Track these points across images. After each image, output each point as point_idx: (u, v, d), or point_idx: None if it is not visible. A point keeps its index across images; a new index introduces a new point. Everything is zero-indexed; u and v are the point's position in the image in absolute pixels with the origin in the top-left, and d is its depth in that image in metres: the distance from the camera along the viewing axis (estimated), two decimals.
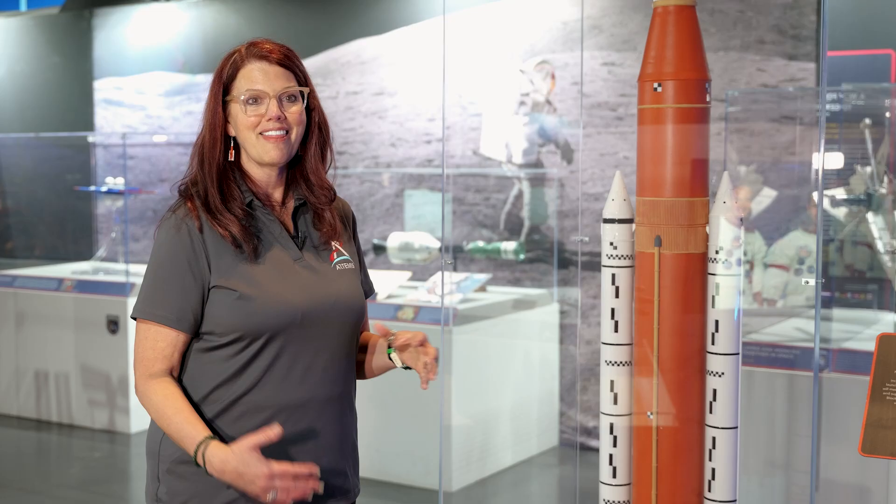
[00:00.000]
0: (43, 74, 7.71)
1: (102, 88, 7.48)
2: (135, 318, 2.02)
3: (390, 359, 2.13)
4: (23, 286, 6.45)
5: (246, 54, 2.02)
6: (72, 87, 7.60)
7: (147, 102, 7.30)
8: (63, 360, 6.23)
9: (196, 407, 1.98)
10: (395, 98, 6.29)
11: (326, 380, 2.03)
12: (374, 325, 2.12)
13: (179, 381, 2.01)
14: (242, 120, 2.00)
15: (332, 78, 6.46)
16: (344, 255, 2.12)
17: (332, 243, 2.10)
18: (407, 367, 2.14)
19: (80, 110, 7.56)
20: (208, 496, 1.98)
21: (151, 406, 1.97)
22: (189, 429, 1.92)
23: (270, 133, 2.00)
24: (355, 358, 2.15)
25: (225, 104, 2.04)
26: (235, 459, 1.85)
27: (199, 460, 1.89)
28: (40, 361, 6.33)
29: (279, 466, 1.84)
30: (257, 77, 2.00)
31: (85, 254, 7.33)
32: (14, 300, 6.44)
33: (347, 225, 2.19)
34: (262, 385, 1.98)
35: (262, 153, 2.01)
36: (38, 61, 7.72)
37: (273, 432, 1.86)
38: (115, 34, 7.40)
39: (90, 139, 7.36)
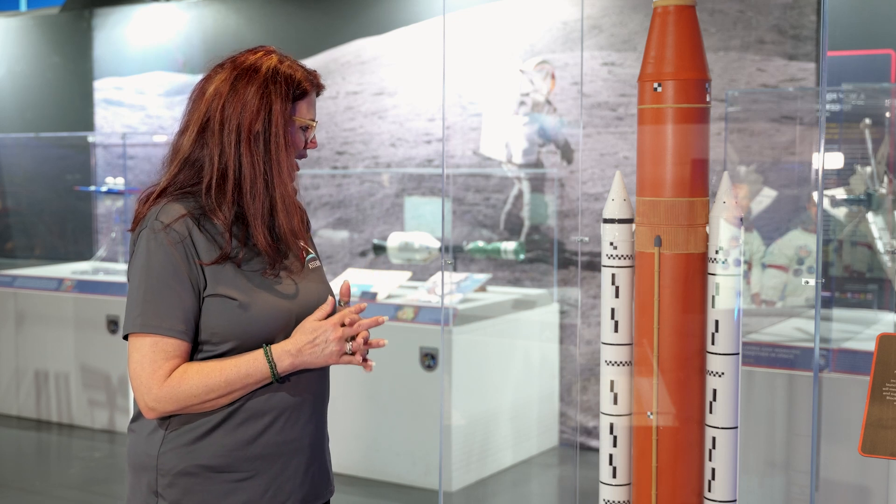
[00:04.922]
0: (43, 74, 7.71)
1: (102, 88, 7.48)
2: (126, 337, 1.94)
3: None
4: (23, 286, 6.45)
5: (308, 83, 2.06)
6: (72, 87, 7.60)
7: (147, 102, 7.30)
8: (63, 360, 6.23)
9: (196, 417, 1.95)
10: (395, 98, 6.29)
11: (314, 377, 2.04)
12: (341, 286, 2.13)
13: None
14: (298, 142, 2.06)
15: (332, 78, 6.46)
16: (311, 253, 2.14)
17: (299, 242, 2.10)
18: None
19: (80, 110, 7.56)
20: (216, 502, 1.96)
21: (191, 391, 1.89)
22: (245, 363, 1.92)
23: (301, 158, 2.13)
24: None
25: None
26: (302, 335, 1.95)
27: (277, 370, 1.94)
28: (40, 361, 6.33)
29: (337, 315, 1.98)
30: (314, 108, 2.10)
31: (85, 254, 7.33)
32: (14, 300, 6.44)
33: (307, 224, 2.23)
34: (261, 390, 1.96)
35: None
36: (38, 61, 7.72)
37: (329, 305, 2.00)
38: (115, 34, 7.41)
39: (90, 139, 7.36)
